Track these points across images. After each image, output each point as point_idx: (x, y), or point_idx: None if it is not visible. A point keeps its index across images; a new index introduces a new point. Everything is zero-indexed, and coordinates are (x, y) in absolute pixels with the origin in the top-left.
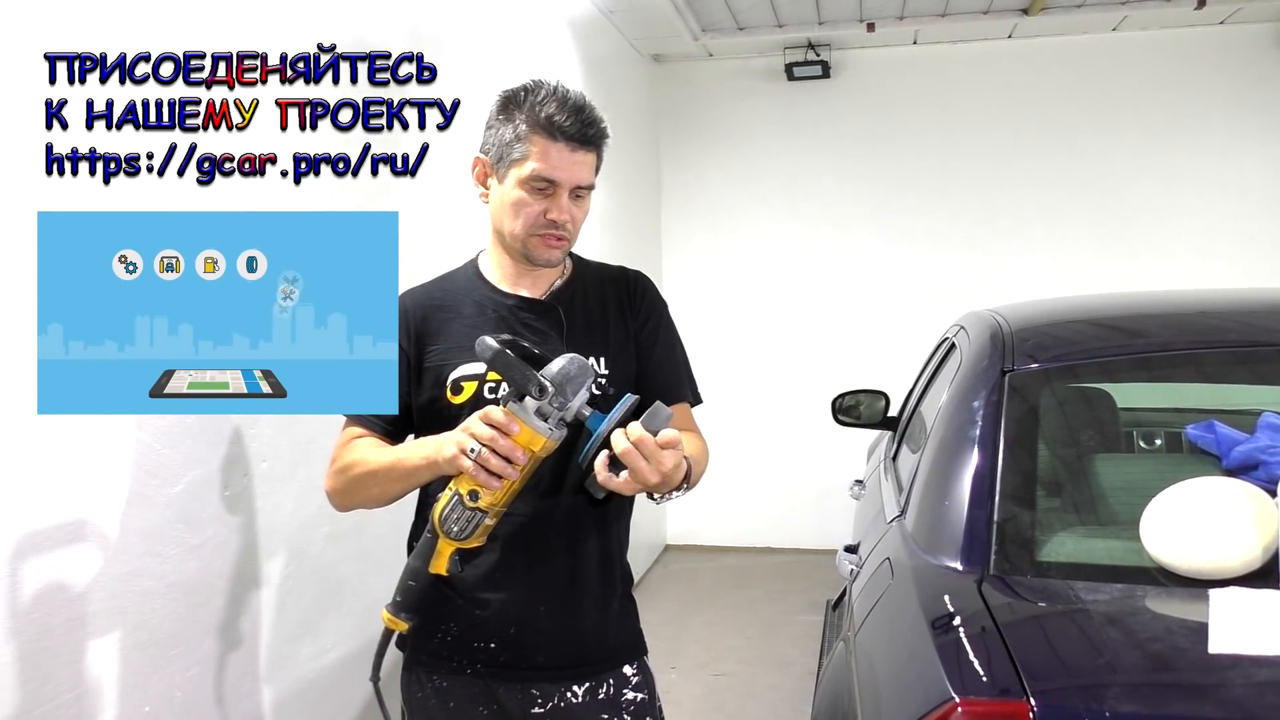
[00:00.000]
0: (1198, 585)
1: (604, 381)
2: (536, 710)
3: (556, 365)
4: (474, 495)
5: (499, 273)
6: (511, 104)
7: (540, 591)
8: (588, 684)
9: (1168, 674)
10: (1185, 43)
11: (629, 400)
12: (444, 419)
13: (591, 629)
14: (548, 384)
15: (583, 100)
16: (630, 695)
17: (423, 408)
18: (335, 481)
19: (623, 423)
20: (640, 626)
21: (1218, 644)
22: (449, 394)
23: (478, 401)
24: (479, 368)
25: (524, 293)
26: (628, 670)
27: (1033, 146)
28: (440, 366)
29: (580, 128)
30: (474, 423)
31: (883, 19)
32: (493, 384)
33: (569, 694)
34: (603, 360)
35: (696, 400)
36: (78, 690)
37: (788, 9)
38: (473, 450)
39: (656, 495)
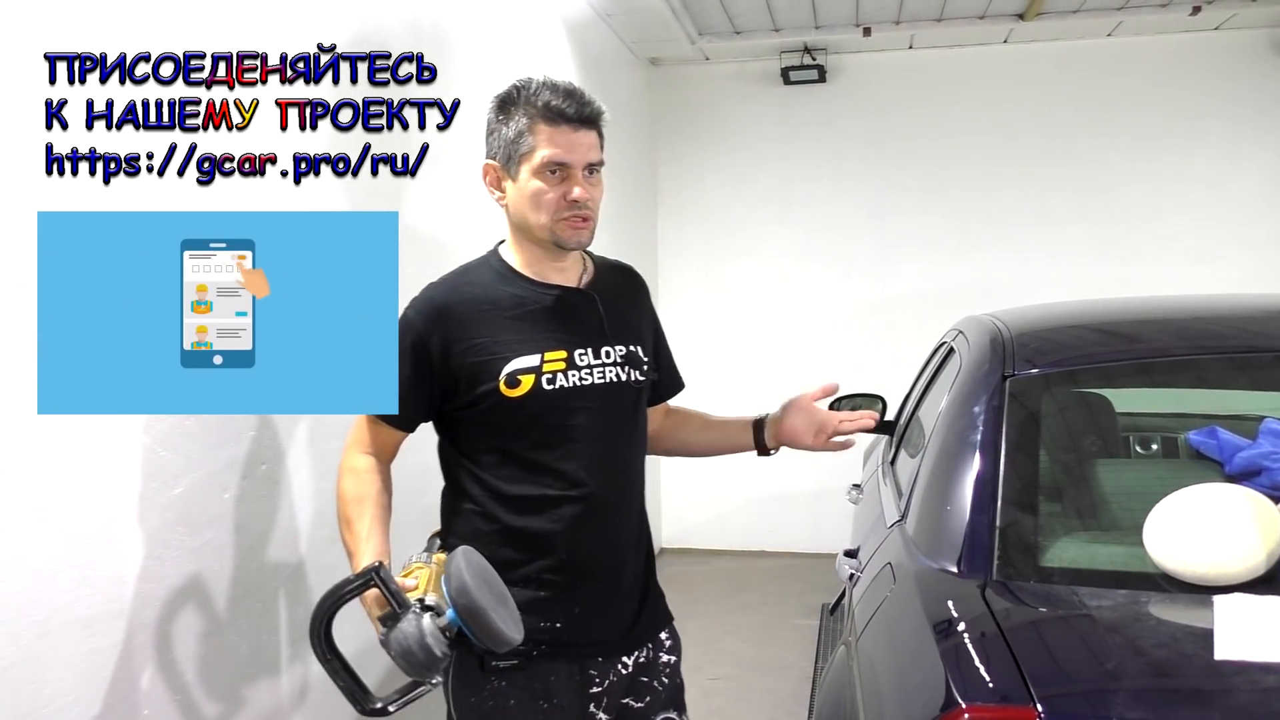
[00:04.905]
0: (1201, 592)
1: (646, 367)
2: (594, 690)
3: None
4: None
5: (527, 266)
6: (508, 103)
7: (597, 570)
8: (635, 654)
9: (1173, 680)
10: (1181, 48)
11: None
12: (501, 411)
13: (634, 601)
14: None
15: (573, 85)
16: (666, 658)
17: (471, 403)
18: (339, 483)
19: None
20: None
21: (1223, 651)
22: (503, 387)
23: (536, 393)
24: (534, 360)
25: (560, 283)
26: (663, 636)
27: (1029, 151)
28: (489, 360)
29: (577, 107)
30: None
31: (879, 23)
32: (549, 375)
33: (620, 666)
34: (640, 349)
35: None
36: (76, 694)
37: (784, 13)
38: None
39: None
